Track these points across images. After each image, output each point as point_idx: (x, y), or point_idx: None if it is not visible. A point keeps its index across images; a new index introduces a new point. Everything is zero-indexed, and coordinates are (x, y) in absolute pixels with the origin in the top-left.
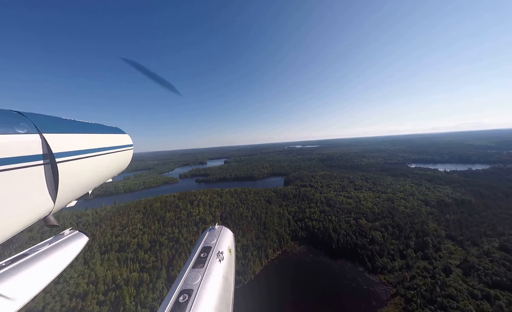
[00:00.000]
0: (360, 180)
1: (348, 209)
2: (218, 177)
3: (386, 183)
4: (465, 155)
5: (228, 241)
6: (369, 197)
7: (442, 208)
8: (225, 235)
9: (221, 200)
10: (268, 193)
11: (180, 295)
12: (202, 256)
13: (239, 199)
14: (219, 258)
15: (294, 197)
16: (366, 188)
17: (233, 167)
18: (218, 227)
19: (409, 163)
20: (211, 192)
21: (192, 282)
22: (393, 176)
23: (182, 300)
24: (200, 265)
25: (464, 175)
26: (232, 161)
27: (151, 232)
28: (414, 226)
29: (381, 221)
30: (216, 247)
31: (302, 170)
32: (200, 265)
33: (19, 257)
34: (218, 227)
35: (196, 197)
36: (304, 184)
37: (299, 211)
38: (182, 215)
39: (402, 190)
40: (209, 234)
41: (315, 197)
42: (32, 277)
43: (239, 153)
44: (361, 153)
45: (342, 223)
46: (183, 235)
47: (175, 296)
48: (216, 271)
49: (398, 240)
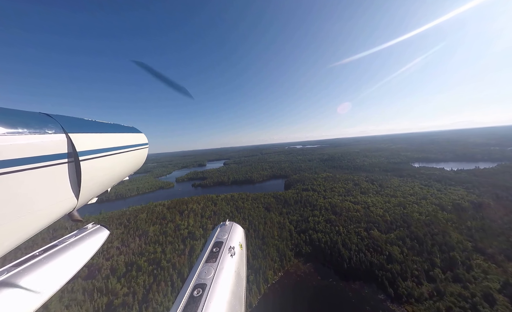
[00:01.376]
0: (365, 182)
1: (356, 217)
2: (216, 181)
3: (394, 185)
4: (469, 153)
5: (239, 236)
6: (377, 202)
7: (460, 214)
8: (236, 231)
9: (215, 209)
10: (267, 199)
11: (194, 289)
12: (214, 251)
13: (235, 207)
14: (230, 253)
15: (296, 203)
16: (373, 191)
17: (232, 169)
18: (229, 223)
19: (412, 162)
20: (204, 199)
21: (205, 277)
22: (400, 177)
23: (196, 294)
24: (212, 260)
25: (473, 174)
26: (232, 163)
27: (130, 252)
28: (435, 237)
29: (396, 232)
30: (228, 242)
31: (303, 172)
32: (212, 259)
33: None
34: (229, 223)
35: (187, 206)
36: (306, 187)
37: (301, 220)
38: (168, 229)
39: (412, 192)
40: (220, 230)
41: (318, 203)
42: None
43: (239, 154)
44: (362, 153)
45: (352, 236)
46: (166, 255)
47: (190, 290)
48: (228, 266)
49: (420, 257)
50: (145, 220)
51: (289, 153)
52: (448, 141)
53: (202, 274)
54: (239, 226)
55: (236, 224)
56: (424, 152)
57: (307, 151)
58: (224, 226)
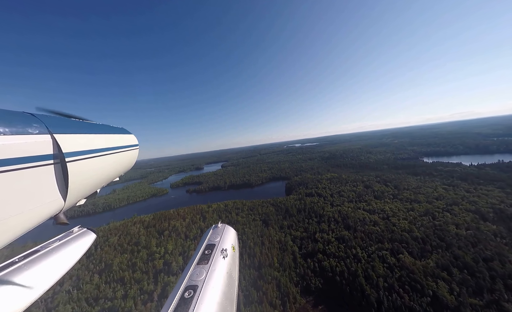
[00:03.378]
0: (377, 183)
1: (376, 234)
2: (212, 185)
3: (412, 186)
4: (482, 145)
5: (231, 238)
6: (398, 210)
7: (509, 224)
8: (228, 233)
9: (202, 225)
10: (266, 208)
11: (185, 291)
12: (206, 253)
13: (227, 220)
14: (223, 255)
15: (299, 212)
16: (389, 195)
17: (230, 172)
18: (221, 225)
19: (421, 157)
20: (193, 212)
21: (197, 278)
22: (414, 175)
23: (187, 295)
24: (204, 262)
25: (500, 169)
26: (230, 165)
27: (82, 297)
28: (490, 264)
29: (435, 257)
30: (220, 244)
31: (305, 173)
32: (204, 261)
33: (32, 253)
34: (221, 225)
35: (169, 224)
36: (309, 192)
37: (307, 236)
38: (139, 259)
39: (437, 196)
40: (212, 232)
41: (326, 213)
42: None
43: (237, 156)
44: (364, 149)
45: (376, 263)
46: (126, 302)
47: (181, 292)
48: (220, 268)
49: (479, 298)
50: (115, 246)
51: (288, 152)
52: (450, 133)
53: (193, 275)
54: (231, 229)
55: (229, 227)
56: (430, 145)
57: (307, 149)
58: (216, 228)
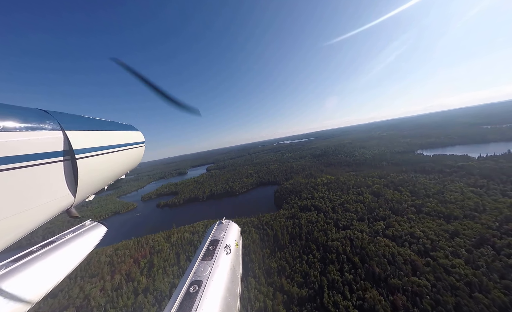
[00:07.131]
0: (386, 188)
1: (420, 287)
2: (188, 196)
3: (431, 190)
4: (478, 135)
5: (235, 235)
6: (431, 232)
7: None
8: (232, 229)
9: (144, 284)
10: (247, 233)
11: (190, 286)
12: (210, 249)
13: (181, 271)
14: (226, 251)
15: (293, 240)
16: (409, 207)
17: (213, 177)
18: (225, 221)
19: (417, 149)
20: (140, 251)
21: (201, 274)
22: (423, 174)
23: (192, 290)
24: (208, 258)
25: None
26: (215, 168)
27: None
28: None
29: None
30: (224, 240)
31: (296, 175)
32: (208, 257)
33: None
34: (225, 221)
35: (103, 279)
36: (304, 204)
37: (309, 298)
38: None
39: (473, 206)
40: (217, 228)
41: (331, 243)
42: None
43: (225, 157)
44: (356, 144)
45: None
46: None
47: (186, 286)
48: (224, 264)
49: None
50: None
51: (278, 150)
52: (436, 123)
53: (198, 271)
54: (235, 225)
55: (232, 223)
56: (423, 137)
57: (297, 146)
58: (220, 224)
